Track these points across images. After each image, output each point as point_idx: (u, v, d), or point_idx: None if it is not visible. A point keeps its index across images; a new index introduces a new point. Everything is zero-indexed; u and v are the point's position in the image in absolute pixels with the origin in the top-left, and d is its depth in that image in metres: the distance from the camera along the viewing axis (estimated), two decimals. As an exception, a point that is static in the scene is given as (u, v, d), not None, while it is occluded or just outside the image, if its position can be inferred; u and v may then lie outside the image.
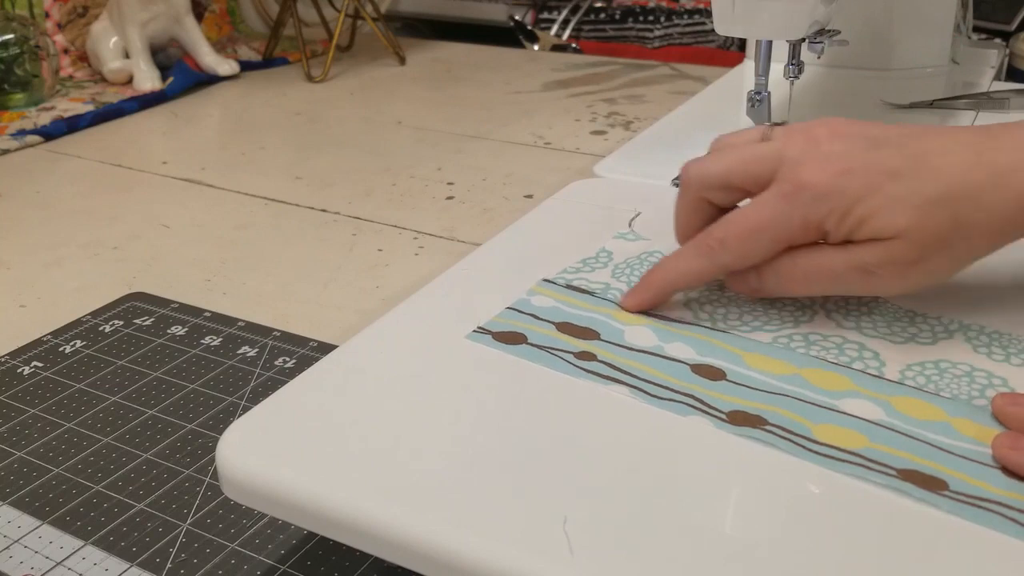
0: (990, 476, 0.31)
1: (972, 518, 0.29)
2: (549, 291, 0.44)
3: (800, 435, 0.33)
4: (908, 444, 0.33)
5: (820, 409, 0.35)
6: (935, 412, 0.34)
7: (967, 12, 0.85)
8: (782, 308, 0.41)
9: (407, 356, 0.39)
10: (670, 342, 0.39)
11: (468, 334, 0.40)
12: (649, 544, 0.28)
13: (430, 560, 0.29)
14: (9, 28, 0.94)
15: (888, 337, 0.39)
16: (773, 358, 0.38)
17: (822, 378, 0.37)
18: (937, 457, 0.32)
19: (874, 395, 0.35)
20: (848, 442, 0.33)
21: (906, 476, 0.31)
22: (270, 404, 0.35)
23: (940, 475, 0.31)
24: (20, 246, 0.65)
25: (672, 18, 1.30)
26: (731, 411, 0.35)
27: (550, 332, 0.40)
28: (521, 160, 0.78)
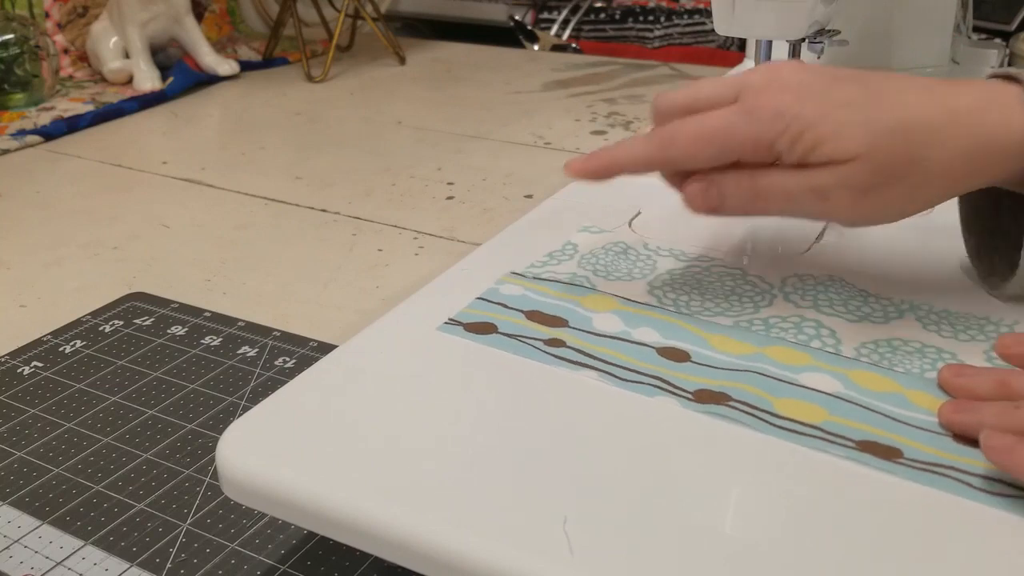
0: (941, 443, 0.33)
1: (927, 482, 0.31)
2: (517, 280, 0.44)
3: (763, 410, 0.34)
4: (865, 416, 0.34)
5: (782, 384, 0.36)
6: (890, 384, 0.36)
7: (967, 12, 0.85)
8: (742, 294, 0.43)
9: (407, 356, 0.39)
10: (636, 327, 0.40)
11: (439, 326, 0.41)
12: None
13: (430, 560, 0.29)
14: (9, 28, 0.94)
15: (843, 316, 0.41)
16: (735, 339, 0.39)
17: (783, 354, 0.38)
18: (892, 428, 0.33)
19: (832, 368, 0.37)
20: (809, 416, 0.34)
21: (864, 447, 0.32)
22: (270, 404, 0.35)
23: (896, 444, 0.33)
24: (20, 246, 0.65)
25: (672, 18, 1.30)
26: (696, 390, 0.36)
27: (519, 321, 0.41)
28: (521, 160, 0.78)
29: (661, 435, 0.33)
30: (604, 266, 0.46)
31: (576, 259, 0.47)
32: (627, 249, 0.47)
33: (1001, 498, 0.30)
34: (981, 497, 0.30)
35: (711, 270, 0.45)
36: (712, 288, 0.43)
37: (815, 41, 0.56)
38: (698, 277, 0.45)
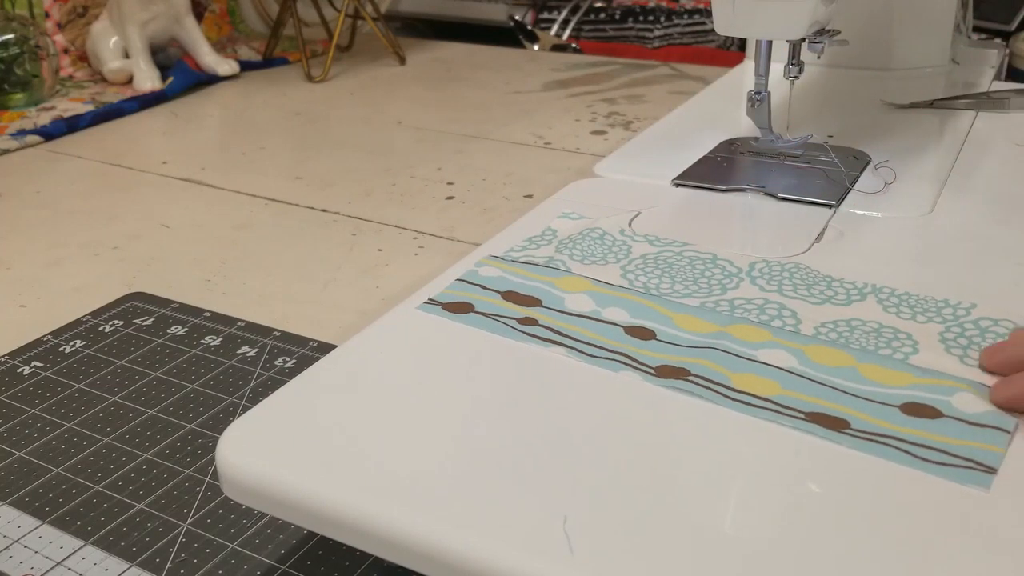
0: (888, 414, 0.34)
1: (870, 451, 0.32)
2: (495, 263, 0.46)
3: (720, 383, 0.36)
4: (816, 390, 0.36)
5: (740, 359, 0.38)
6: (844, 358, 0.38)
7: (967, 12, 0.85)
8: (711, 278, 0.44)
9: (407, 356, 0.39)
10: (606, 307, 0.42)
11: (419, 306, 0.42)
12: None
13: (430, 560, 0.29)
14: (9, 28, 0.94)
15: (806, 299, 0.42)
16: (700, 319, 0.41)
17: (744, 332, 0.40)
18: (842, 400, 0.35)
19: (789, 344, 0.39)
20: (763, 389, 0.36)
21: (813, 418, 0.34)
22: (270, 404, 0.35)
23: (843, 415, 0.34)
24: (20, 246, 0.65)
25: (672, 18, 1.30)
26: (658, 366, 0.38)
27: (495, 301, 0.43)
28: (521, 160, 0.78)
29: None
30: (580, 250, 0.47)
31: (554, 243, 0.48)
32: (604, 235, 0.49)
33: (941, 467, 0.31)
34: (921, 465, 0.32)
35: (683, 255, 0.47)
36: (682, 272, 0.45)
37: (815, 41, 0.56)
38: (669, 261, 0.46)
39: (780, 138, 0.61)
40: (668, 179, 0.57)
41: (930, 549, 0.28)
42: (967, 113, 0.68)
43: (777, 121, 0.60)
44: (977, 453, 0.32)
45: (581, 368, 0.38)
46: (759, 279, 0.44)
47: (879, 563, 0.27)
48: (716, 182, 0.56)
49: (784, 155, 0.60)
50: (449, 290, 0.44)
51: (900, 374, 0.36)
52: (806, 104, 0.71)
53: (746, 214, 0.53)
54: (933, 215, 0.52)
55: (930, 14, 0.78)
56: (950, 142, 0.63)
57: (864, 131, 0.65)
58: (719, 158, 0.61)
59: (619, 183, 0.58)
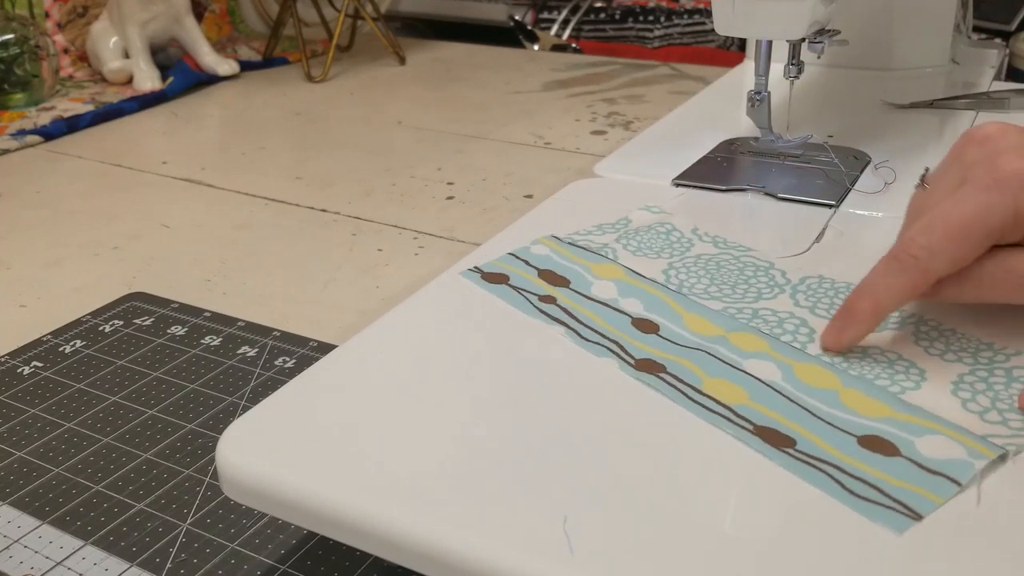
0: (842, 442, 0.32)
1: (801, 474, 0.31)
2: (550, 243, 0.48)
3: (690, 385, 0.36)
4: (783, 405, 0.35)
5: (722, 365, 0.37)
6: (830, 381, 0.36)
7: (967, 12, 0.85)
8: (751, 285, 0.44)
9: (407, 356, 0.39)
10: (626, 297, 0.43)
11: (463, 271, 0.44)
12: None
13: (430, 560, 0.29)
14: (9, 28, 0.94)
15: None
16: (709, 321, 0.40)
17: (744, 340, 0.39)
18: (802, 419, 0.34)
19: (781, 359, 0.37)
20: (728, 396, 0.35)
21: (759, 431, 0.33)
22: (270, 404, 0.35)
23: (792, 434, 0.33)
24: (20, 246, 0.65)
25: (672, 18, 1.30)
26: (641, 359, 0.38)
27: (531, 277, 0.44)
28: (521, 160, 0.78)
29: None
30: (639, 243, 0.48)
31: (619, 233, 0.49)
32: (672, 231, 0.49)
33: (863, 502, 0.30)
34: (844, 497, 0.30)
35: (740, 259, 0.46)
36: (728, 276, 0.45)
37: (815, 41, 0.56)
38: (721, 264, 0.46)
39: (780, 138, 0.61)
40: (668, 179, 0.57)
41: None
42: (967, 113, 0.68)
43: (777, 121, 0.60)
44: (912, 498, 0.30)
45: (571, 349, 0.39)
46: (800, 294, 0.43)
47: None
48: (716, 182, 0.56)
49: (784, 155, 0.60)
50: (496, 261, 0.46)
51: (879, 405, 0.34)
52: (806, 104, 0.71)
53: (746, 214, 0.53)
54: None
55: (930, 14, 0.78)
56: (950, 142, 0.63)
57: (864, 131, 0.65)
58: (719, 158, 0.61)
59: (619, 183, 0.58)
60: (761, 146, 0.61)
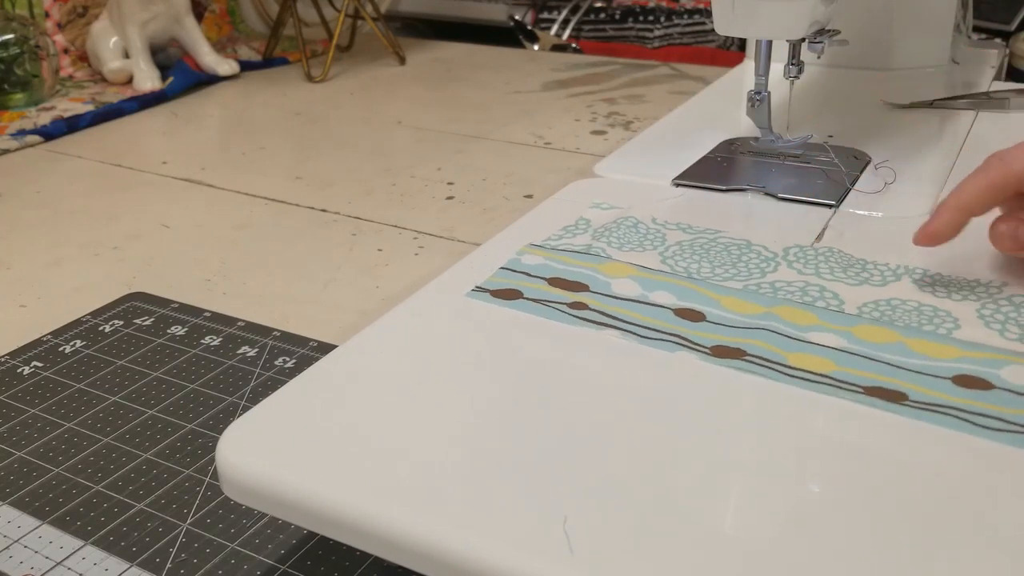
0: (942, 386, 0.36)
1: (931, 421, 0.34)
2: (537, 251, 0.48)
3: (776, 363, 0.37)
4: (870, 365, 0.37)
5: (791, 340, 0.39)
6: (891, 335, 0.39)
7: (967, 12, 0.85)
8: (748, 262, 0.46)
9: (407, 356, 0.39)
10: (653, 291, 0.43)
11: (467, 292, 0.43)
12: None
13: (430, 560, 0.29)
14: (9, 28, 0.94)
15: (844, 280, 0.44)
16: (746, 300, 0.42)
17: (791, 314, 0.41)
18: (896, 374, 0.36)
19: (836, 327, 0.40)
20: (818, 367, 0.37)
21: (871, 392, 0.35)
22: (270, 404, 0.35)
23: (900, 388, 0.36)
24: (20, 246, 0.65)
25: (672, 18, 1.30)
26: (713, 346, 0.39)
27: (542, 287, 0.44)
28: (521, 160, 0.78)
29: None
30: (617, 238, 0.49)
31: (590, 232, 0.50)
32: (637, 223, 0.51)
33: (999, 433, 0.33)
34: (980, 432, 0.33)
35: (717, 241, 0.48)
36: (720, 257, 0.47)
37: (815, 41, 0.56)
38: (706, 247, 0.48)
39: (780, 138, 0.61)
40: (668, 179, 0.57)
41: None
42: (967, 113, 0.68)
43: (777, 121, 0.60)
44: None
45: (636, 349, 0.39)
46: (795, 263, 0.46)
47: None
48: (716, 182, 0.56)
49: (784, 155, 0.60)
50: (495, 277, 0.45)
51: (947, 347, 0.38)
52: (806, 104, 0.71)
53: (746, 214, 0.53)
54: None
55: (930, 14, 0.78)
56: (950, 142, 0.63)
57: (864, 131, 0.65)
58: (719, 158, 0.61)
59: (619, 183, 0.58)
60: (761, 146, 0.61)
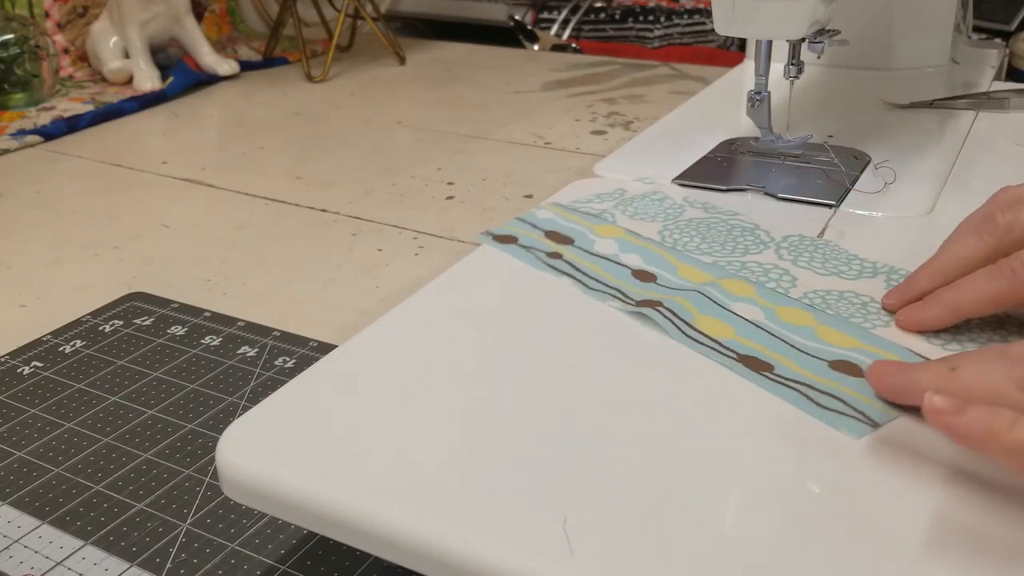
0: (815, 367, 0.37)
1: (774, 391, 0.35)
2: (554, 208, 0.52)
3: (683, 320, 0.40)
4: (764, 339, 0.39)
5: (712, 304, 0.41)
6: (807, 319, 0.40)
7: (967, 12, 0.85)
8: (739, 242, 0.48)
9: (407, 356, 0.39)
10: (626, 252, 0.47)
11: (476, 235, 0.49)
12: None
13: (430, 560, 0.29)
14: (9, 28, 0.94)
15: (815, 270, 0.45)
16: (701, 271, 0.44)
17: (733, 286, 0.43)
18: (781, 349, 0.38)
19: (763, 303, 0.41)
20: (716, 331, 0.39)
21: (742, 359, 0.37)
22: (270, 404, 0.35)
23: (771, 361, 0.37)
24: (20, 246, 0.65)
25: (672, 18, 1.30)
26: (640, 300, 0.42)
27: (538, 237, 0.49)
28: (521, 160, 0.78)
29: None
30: (635, 208, 0.52)
31: (616, 200, 0.53)
32: (664, 199, 0.54)
33: (826, 411, 0.34)
34: (816, 411, 0.34)
35: (728, 222, 0.50)
36: (718, 235, 0.48)
37: (815, 41, 0.56)
38: (712, 225, 0.50)
39: (780, 138, 0.61)
40: (668, 179, 0.57)
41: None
42: (967, 113, 0.68)
43: (777, 121, 0.60)
44: (872, 411, 0.34)
45: (578, 296, 0.42)
46: (784, 249, 0.47)
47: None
48: (716, 182, 0.56)
49: (784, 155, 0.60)
50: (507, 225, 0.50)
51: (850, 339, 0.38)
52: (806, 104, 0.71)
53: (746, 214, 0.53)
54: (933, 215, 0.52)
55: (930, 14, 0.78)
56: (950, 142, 0.63)
57: (864, 131, 0.65)
58: (719, 158, 0.61)
59: (619, 183, 0.58)
60: (761, 146, 0.61)
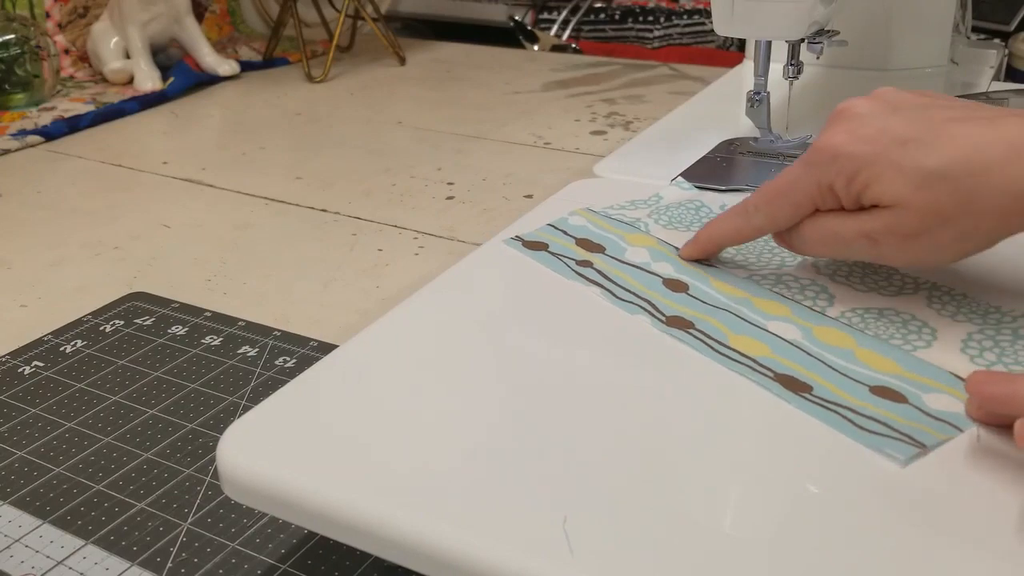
0: (855, 390, 0.35)
1: (816, 415, 0.34)
2: (586, 214, 0.51)
3: (716, 340, 0.39)
4: (801, 358, 0.37)
5: (747, 324, 0.40)
6: (846, 340, 0.38)
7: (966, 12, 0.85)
8: (776, 255, 0.45)
9: (407, 356, 0.39)
10: (658, 261, 0.45)
11: (505, 240, 0.48)
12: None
13: (430, 560, 0.29)
14: (10, 28, 0.94)
15: (855, 286, 0.42)
16: (734, 286, 0.43)
17: (767, 305, 0.41)
18: (819, 370, 0.36)
19: (802, 323, 0.40)
20: (752, 350, 0.38)
21: (779, 379, 0.36)
22: (270, 404, 0.35)
23: (809, 381, 0.36)
24: (21, 246, 0.65)
25: (672, 18, 1.30)
26: (671, 316, 0.41)
27: (569, 245, 0.47)
28: (521, 160, 0.78)
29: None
30: (669, 217, 0.50)
31: (651, 208, 0.51)
32: (701, 207, 0.52)
33: (869, 435, 0.32)
34: (858, 435, 0.32)
35: None
36: (753, 246, 0.46)
37: (814, 41, 0.56)
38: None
39: (779, 138, 0.61)
40: (668, 179, 0.57)
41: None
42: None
43: (776, 121, 0.60)
44: (917, 432, 0.32)
45: (606, 307, 0.41)
46: (820, 262, 0.45)
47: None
48: (716, 182, 0.56)
49: (784, 155, 0.60)
50: (537, 231, 0.49)
51: (890, 362, 0.37)
52: (805, 104, 0.72)
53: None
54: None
55: (929, 14, 0.78)
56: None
57: (863, 131, 0.65)
58: (719, 158, 0.61)
59: (619, 183, 0.58)
60: (760, 146, 0.61)
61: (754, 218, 0.42)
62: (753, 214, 0.42)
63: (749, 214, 0.42)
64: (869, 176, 0.37)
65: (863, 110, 0.38)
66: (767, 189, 0.41)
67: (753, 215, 0.42)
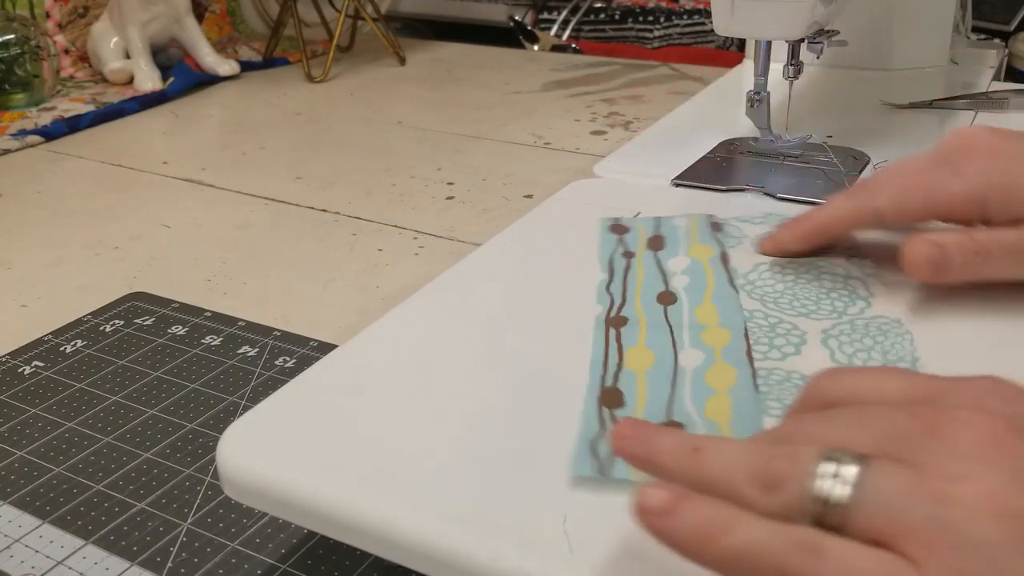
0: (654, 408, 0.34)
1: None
2: (693, 218, 0.49)
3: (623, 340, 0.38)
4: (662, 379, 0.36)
5: (680, 336, 0.38)
6: (730, 382, 0.35)
7: (966, 12, 0.85)
8: (830, 292, 0.41)
9: (407, 356, 0.39)
10: (684, 273, 0.43)
11: (600, 218, 0.49)
12: None
13: (430, 560, 0.29)
14: (10, 28, 0.94)
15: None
16: (719, 327, 0.39)
17: (713, 336, 0.38)
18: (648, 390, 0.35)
19: (707, 344, 0.38)
20: (639, 364, 0.37)
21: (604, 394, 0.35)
22: (270, 404, 0.35)
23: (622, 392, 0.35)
24: (21, 246, 0.65)
25: (672, 18, 1.30)
26: (617, 316, 0.40)
27: (641, 237, 0.47)
28: (521, 160, 0.78)
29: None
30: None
31: (769, 224, 0.48)
32: None
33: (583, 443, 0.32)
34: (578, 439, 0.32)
35: (817, 265, 0.43)
36: (805, 289, 0.41)
37: (814, 41, 0.56)
38: (818, 271, 0.43)
39: (779, 138, 0.61)
40: (668, 179, 0.57)
41: None
42: (966, 113, 0.68)
43: (776, 121, 0.60)
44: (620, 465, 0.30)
45: (577, 311, 0.41)
46: (860, 320, 0.39)
47: None
48: (716, 182, 0.56)
49: (783, 155, 0.60)
50: (635, 218, 0.50)
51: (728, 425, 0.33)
52: (805, 104, 0.72)
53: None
54: None
55: (929, 14, 0.78)
56: (949, 142, 0.63)
57: (863, 131, 0.65)
58: (719, 158, 0.61)
59: (619, 183, 0.58)
60: (760, 146, 0.61)
61: (876, 200, 0.39)
62: (875, 195, 0.39)
63: (871, 195, 0.39)
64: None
65: (994, 142, 0.39)
66: (897, 180, 0.40)
67: (875, 196, 0.39)
